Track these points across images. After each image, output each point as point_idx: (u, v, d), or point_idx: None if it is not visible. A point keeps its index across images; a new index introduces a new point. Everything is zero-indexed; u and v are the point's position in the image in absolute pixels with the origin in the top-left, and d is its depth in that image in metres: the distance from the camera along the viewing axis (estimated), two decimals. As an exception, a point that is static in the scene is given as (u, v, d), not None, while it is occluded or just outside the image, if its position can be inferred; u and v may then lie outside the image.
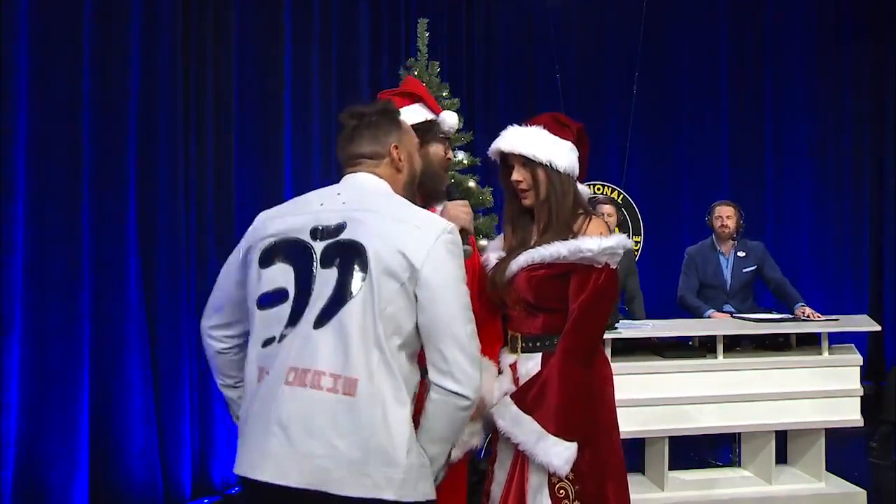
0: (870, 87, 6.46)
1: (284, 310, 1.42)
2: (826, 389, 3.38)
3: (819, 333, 3.52)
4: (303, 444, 1.34)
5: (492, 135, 2.14)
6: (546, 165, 1.95)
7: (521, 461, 1.90)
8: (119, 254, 3.08)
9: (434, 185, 1.97)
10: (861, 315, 4.63)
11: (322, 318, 1.38)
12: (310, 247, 1.44)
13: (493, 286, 2.00)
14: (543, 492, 1.86)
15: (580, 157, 2.03)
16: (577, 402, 1.86)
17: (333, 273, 1.40)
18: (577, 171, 2.02)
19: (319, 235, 1.45)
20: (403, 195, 1.59)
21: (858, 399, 3.42)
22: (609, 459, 1.93)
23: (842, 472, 3.60)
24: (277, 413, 1.37)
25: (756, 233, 5.28)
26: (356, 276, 1.38)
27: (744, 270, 4.25)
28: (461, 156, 3.81)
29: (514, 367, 2.00)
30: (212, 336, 1.63)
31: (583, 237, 1.90)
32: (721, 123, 6.52)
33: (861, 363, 3.47)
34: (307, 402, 1.35)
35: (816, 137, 6.49)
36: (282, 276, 1.45)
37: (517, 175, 1.99)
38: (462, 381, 1.40)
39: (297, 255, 1.45)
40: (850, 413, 3.41)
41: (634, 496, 2.13)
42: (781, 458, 3.66)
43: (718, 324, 3.76)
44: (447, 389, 1.40)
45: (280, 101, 4.11)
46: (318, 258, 1.42)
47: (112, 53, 3.07)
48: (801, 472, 3.61)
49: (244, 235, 1.58)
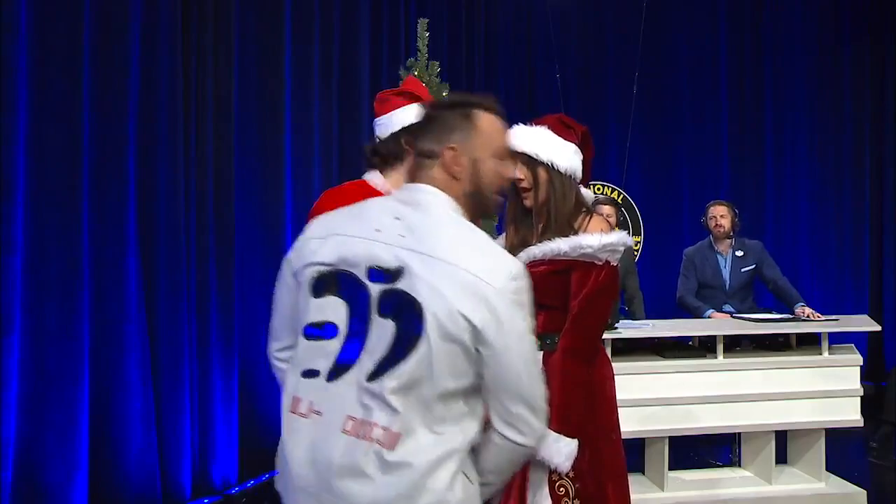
0: (870, 87, 6.46)
1: (332, 346, 1.34)
2: (826, 389, 3.38)
3: (819, 333, 3.52)
4: (351, 493, 1.29)
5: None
6: (548, 165, 1.95)
7: None
8: (119, 254, 3.08)
9: None
10: (861, 315, 4.63)
11: (377, 372, 1.29)
12: (365, 288, 1.33)
13: None
14: (543, 490, 1.86)
15: (584, 160, 2.03)
16: (578, 400, 1.86)
17: (391, 326, 1.29)
18: (580, 174, 2.02)
19: (376, 277, 1.32)
20: (465, 206, 1.42)
21: (858, 399, 3.42)
22: (609, 458, 1.93)
23: (842, 472, 3.60)
24: (330, 456, 1.31)
25: (756, 233, 5.28)
26: (413, 336, 1.28)
27: (742, 270, 4.25)
28: (461, 156, 3.81)
29: None
30: (279, 359, 1.56)
31: (583, 234, 1.90)
32: (721, 123, 6.52)
33: (861, 363, 3.48)
34: (359, 453, 1.28)
35: (816, 137, 6.49)
36: (332, 311, 1.35)
37: (518, 173, 1.99)
38: (526, 434, 1.33)
39: (352, 294, 1.34)
40: (850, 413, 3.42)
41: (634, 496, 2.13)
42: (781, 458, 3.66)
43: (718, 324, 3.76)
44: (509, 439, 1.34)
45: (280, 101, 4.11)
46: (376, 304, 1.31)
47: (112, 53, 3.07)
48: (801, 472, 3.61)
49: (294, 248, 1.47)
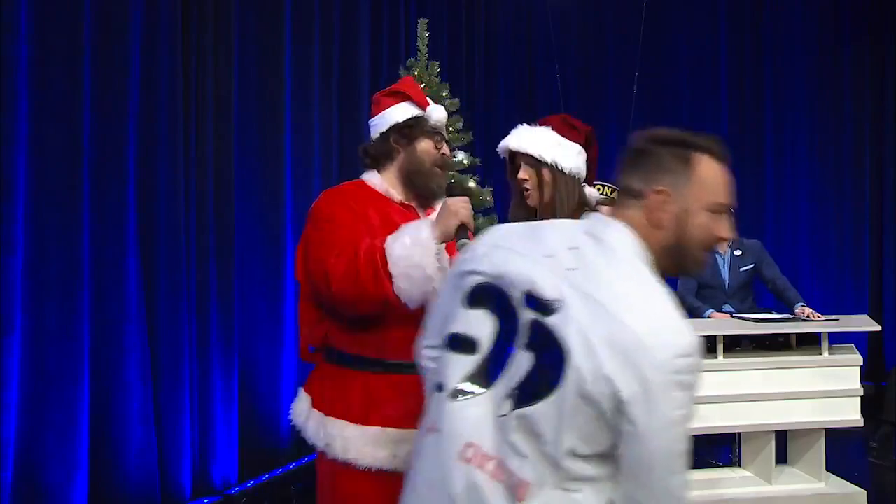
0: (870, 87, 6.46)
1: (467, 363, 1.23)
2: (826, 389, 3.38)
3: (819, 333, 3.51)
4: None
5: (492, 135, 2.15)
6: (552, 166, 1.96)
7: None
8: (119, 254, 3.07)
9: (424, 184, 1.93)
10: (861, 315, 4.63)
11: (505, 405, 1.17)
12: (517, 312, 1.21)
13: None
14: None
15: (589, 160, 2.04)
16: None
17: (530, 360, 1.17)
18: (584, 174, 2.03)
19: (531, 304, 1.19)
20: (658, 259, 1.25)
21: (858, 399, 3.42)
22: None
23: (842, 472, 3.60)
24: (451, 487, 1.18)
25: (756, 233, 5.28)
26: (550, 382, 1.14)
27: (741, 269, 4.25)
28: (461, 156, 3.82)
29: None
30: (427, 357, 1.44)
31: None
32: (721, 123, 6.52)
33: (861, 363, 3.48)
34: (483, 489, 1.16)
35: (816, 137, 6.49)
36: (478, 326, 1.24)
37: (523, 174, 1.99)
38: None
39: (503, 313, 1.23)
40: (850, 413, 3.41)
41: (634, 496, 2.13)
42: (781, 458, 3.66)
43: (718, 324, 3.76)
44: None
45: (280, 101, 4.11)
46: (524, 332, 1.19)
47: (112, 53, 3.07)
48: (801, 472, 3.61)
49: (466, 248, 1.38)
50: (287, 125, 4.15)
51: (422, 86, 3.57)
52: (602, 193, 6.50)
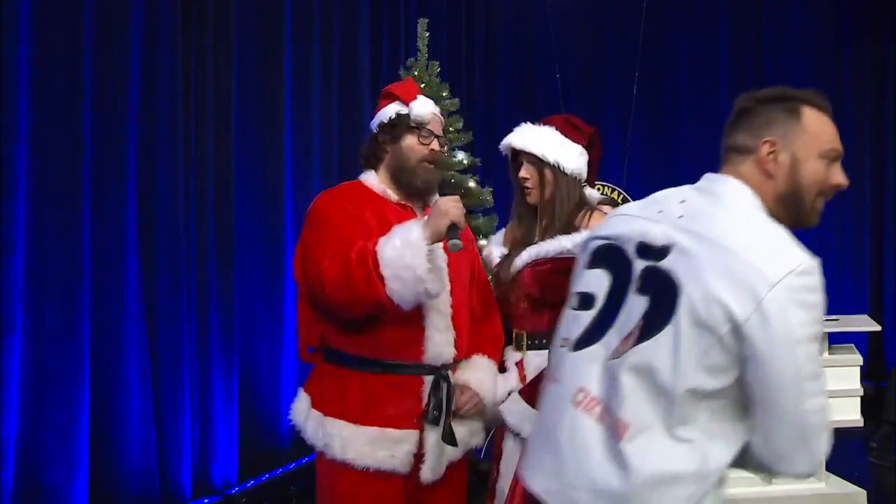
0: (870, 87, 6.46)
1: (585, 318, 1.30)
2: (826, 389, 3.37)
3: (819, 333, 3.51)
4: (569, 471, 1.22)
5: (492, 135, 2.15)
6: (553, 166, 1.97)
7: None
8: (119, 254, 3.07)
9: (409, 181, 1.91)
10: (861, 315, 4.63)
11: (619, 350, 1.21)
12: (631, 263, 1.26)
13: (497, 282, 2.02)
14: None
15: (590, 162, 2.05)
16: None
17: (643, 303, 1.21)
18: (585, 175, 2.03)
19: (643, 254, 1.25)
20: (774, 210, 1.27)
21: (858, 399, 3.42)
22: None
23: (842, 472, 3.60)
24: (559, 431, 1.25)
25: (756, 233, 5.28)
26: (663, 316, 1.16)
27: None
28: (461, 156, 3.81)
29: (521, 365, 2.00)
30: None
31: (585, 230, 1.91)
32: (721, 123, 6.48)
33: (861, 363, 3.48)
34: (585, 431, 1.21)
35: (816, 137, 6.47)
36: (596, 283, 1.31)
37: (524, 172, 2.00)
38: (782, 470, 1.16)
39: (618, 268, 1.29)
40: (850, 413, 3.41)
41: (634, 496, 2.13)
42: (781, 458, 3.65)
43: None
44: (774, 467, 1.18)
45: (280, 101, 4.11)
46: (637, 280, 1.24)
47: (112, 53, 3.07)
48: (801, 472, 3.60)
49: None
50: (287, 125, 4.15)
51: (422, 86, 3.57)
52: (602, 193, 6.51)
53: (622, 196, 6.26)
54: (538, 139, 2.00)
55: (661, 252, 1.22)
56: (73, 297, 2.85)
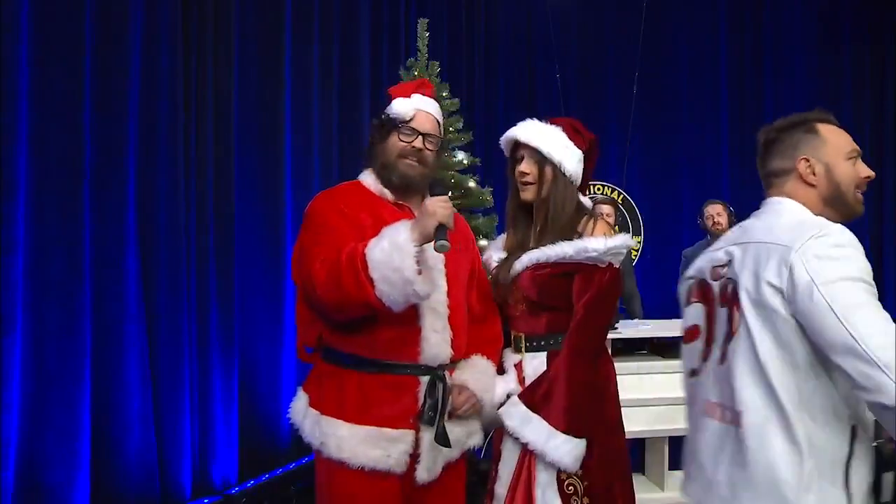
0: (870, 87, 6.46)
1: (697, 347, 1.55)
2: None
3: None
4: (707, 472, 1.46)
5: (492, 135, 2.15)
6: (556, 165, 1.96)
7: (528, 459, 1.90)
8: (119, 254, 3.07)
9: (388, 177, 1.90)
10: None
11: (722, 357, 1.45)
12: (711, 287, 1.54)
13: (496, 285, 2.01)
14: (553, 489, 1.86)
15: (586, 169, 2.04)
16: (585, 400, 1.87)
17: (725, 311, 1.46)
18: (580, 182, 2.03)
19: (716, 274, 1.53)
20: (824, 212, 1.49)
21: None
22: (616, 454, 1.95)
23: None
24: (697, 441, 1.52)
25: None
26: (735, 314, 1.42)
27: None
28: (461, 156, 3.81)
29: (520, 367, 2.00)
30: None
31: (588, 237, 1.91)
32: (721, 123, 6.53)
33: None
34: (710, 432, 1.47)
35: (816, 137, 6.48)
36: (696, 315, 1.58)
37: (525, 167, 1.99)
38: (872, 390, 1.23)
39: (705, 295, 1.55)
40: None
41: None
42: (781, 458, 3.65)
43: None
44: (868, 402, 1.27)
45: (280, 101, 4.11)
46: (717, 297, 1.50)
47: (112, 53, 3.07)
48: (801, 472, 3.60)
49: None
50: (287, 125, 4.15)
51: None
52: (602, 193, 6.50)
53: (622, 196, 6.26)
54: (545, 136, 1.99)
55: (726, 266, 1.49)
56: (74, 297, 2.85)
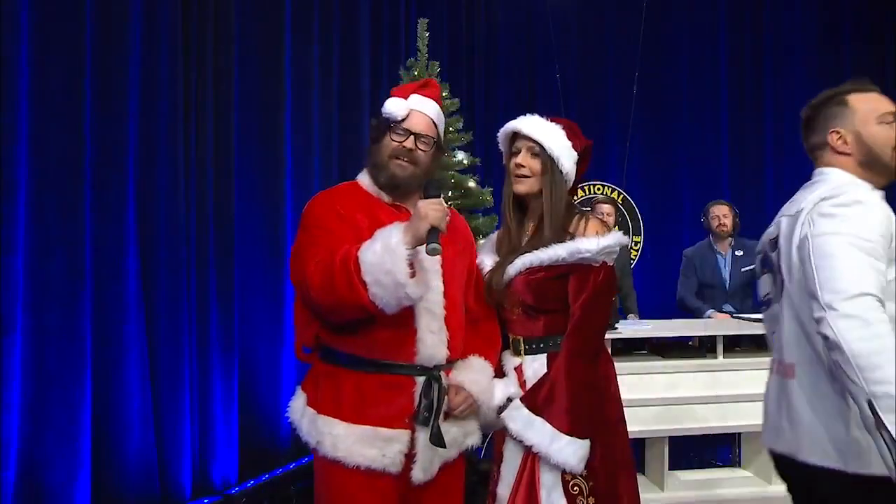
0: (870, 87, 6.45)
1: (775, 309, 1.74)
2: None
3: (819, 333, 3.51)
4: (773, 420, 1.71)
5: (492, 135, 2.14)
6: (554, 160, 1.96)
7: (531, 461, 1.90)
8: (119, 254, 3.07)
9: (376, 177, 1.89)
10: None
11: (778, 318, 1.69)
12: (771, 257, 1.75)
13: (490, 291, 1.99)
14: (558, 490, 1.86)
15: (578, 172, 2.04)
16: (586, 400, 1.87)
17: (777, 278, 1.70)
18: (571, 183, 2.03)
19: (771, 245, 1.74)
20: (865, 177, 1.65)
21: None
22: (619, 452, 1.95)
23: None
24: (766, 395, 1.78)
25: (756, 233, 5.27)
26: (778, 281, 1.68)
27: (742, 269, 4.25)
28: (461, 156, 3.81)
29: (520, 370, 1.99)
30: None
31: (580, 238, 1.90)
32: (721, 123, 6.52)
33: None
34: (772, 385, 1.74)
35: (816, 137, 6.47)
36: (767, 284, 1.80)
37: (522, 159, 1.98)
38: (821, 326, 1.45)
39: (769, 264, 1.77)
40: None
41: (634, 496, 2.13)
42: (781, 458, 3.65)
43: (718, 324, 3.76)
44: (820, 334, 1.46)
45: (280, 101, 4.11)
46: (776, 266, 1.71)
47: (112, 53, 3.07)
48: (801, 472, 3.60)
49: None
50: (287, 125, 4.15)
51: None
52: (602, 193, 6.50)
53: (622, 196, 6.26)
54: (546, 130, 1.99)
55: (776, 238, 1.71)
56: (74, 297, 2.85)
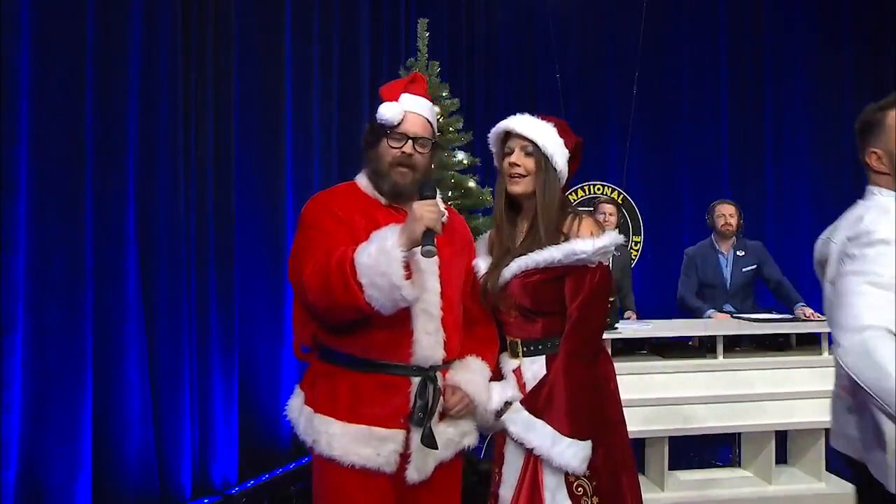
0: (870, 87, 6.45)
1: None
2: (826, 389, 3.33)
3: (819, 333, 3.52)
4: (838, 426, 1.91)
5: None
6: (548, 158, 1.95)
7: (533, 462, 1.89)
8: (119, 254, 3.08)
9: (379, 185, 1.89)
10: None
11: None
12: (822, 265, 1.87)
13: (486, 294, 1.98)
14: (562, 492, 1.86)
15: (570, 170, 2.03)
16: (586, 401, 1.87)
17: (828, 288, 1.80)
18: (564, 181, 2.02)
19: (821, 256, 1.85)
20: None
21: (858, 399, 3.42)
22: (620, 451, 1.95)
23: (842, 472, 3.59)
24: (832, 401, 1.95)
25: (756, 233, 5.28)
26: (827, 292, 1.79)
27: (744, 270, 4.25)
28: (461, 156, 3.81)
29: (518, 372, 1.99)
30: None
31: (575, 239, 1.90)
32: (721, 123, 6.52)
33: (861, 363, 3.47)
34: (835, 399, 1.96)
35: (816, 137, 6.49)
36: (827, 293, 1.84)
37: (517, 158, 1.98)
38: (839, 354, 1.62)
39: (823, 274, 1.87)
40: (850, 413, 3.41)
41: (634, 496, 2.13)
42: (781, 458, 3.66)
43: (718, 324, 3.76)
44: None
45: (280, 101, 4.11)
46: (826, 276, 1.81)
47: (112, 53, 3.07)
48: (801, 472, 3.61)
49: None
50: (287, 125, 4.15)
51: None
52: (602, 193, 6.49)
53: (622, 196, 6.26)
54: (538, 129, 1.98)
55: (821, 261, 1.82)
56: (75, 297, 2.85)
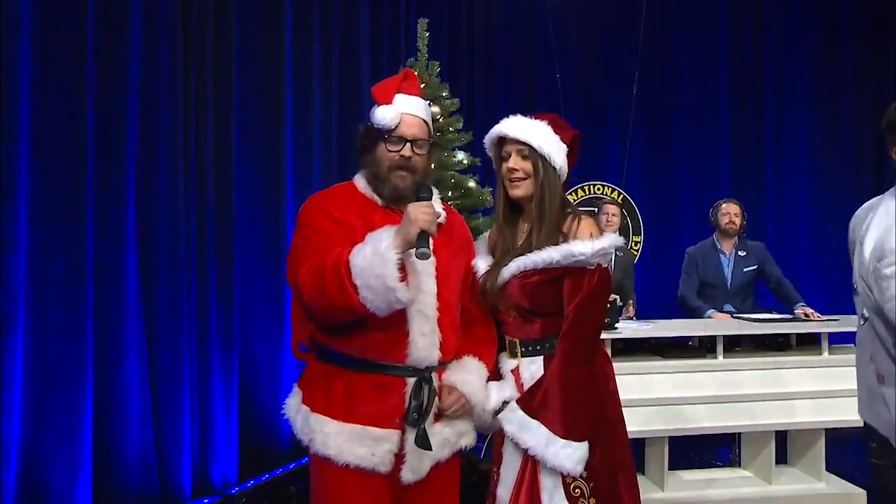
0: (870, 87, 6.46)
1: (857, 302, 1.89)
2: (826, 389, 3.38)
3: (819, 333, 3.52)
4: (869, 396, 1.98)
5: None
6: (545, 158, 1.95)
7: (531, 463, 1.89)
8: (119, 254, 3.07)
9: (379, 189, 1.89)
10: (861, 315, 4.63)
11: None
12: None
13: (484, 295, 1.98)
14: (559, 493, 1.86)
15: (569, 164, 2.03)
16: (582, 402, 1.86)
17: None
18: (565, 177, 2.02)
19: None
20: None
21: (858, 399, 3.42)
22: (618, 451, 1.95)
23: (842, 472, 3.60)
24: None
25: (756, 233, 5.28)
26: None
27: (745, 270, 4.25)
28: (461, 156, 3.81)
29: (517, 372, 1.99)
30: None
31: (574, 240, 1.89)
32: (721, 123, 6.52)
33: (861, 363, 3.48)
34: (864, 386, 2.02)
35: (816, 137, 6.49)
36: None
37: (514, 163, 1.97)
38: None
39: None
40: (850, 413, 3.39)
41: (634, 496, 2.13)
42: (781, 458, 3.65)
43: (718, 324, 3.76)
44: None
45: (280, 101, 4.11)
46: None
47: (112, 53, 3.07)
48: (801, 472, 3.61)
49: None
50: (287, 125, 4.15)
51: (421, 86, 3.56)
52: (602, 193, 6.50)
53: (622, 196, 6.26)
54: (534, 131, 1.97)
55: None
56: (76, 297, 2.85)
